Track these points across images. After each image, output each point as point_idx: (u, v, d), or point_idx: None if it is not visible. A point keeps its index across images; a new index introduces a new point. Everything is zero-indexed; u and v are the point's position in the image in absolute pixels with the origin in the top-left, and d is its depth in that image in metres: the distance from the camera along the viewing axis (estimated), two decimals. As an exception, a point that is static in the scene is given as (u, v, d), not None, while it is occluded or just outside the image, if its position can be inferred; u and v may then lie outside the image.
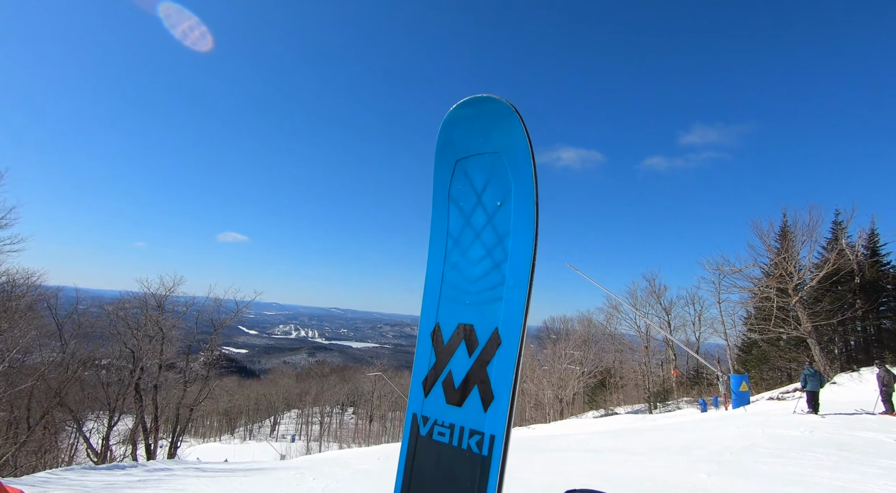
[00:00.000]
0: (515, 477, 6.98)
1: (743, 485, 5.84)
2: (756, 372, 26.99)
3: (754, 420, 13.13)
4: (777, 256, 23.01)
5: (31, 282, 22.71)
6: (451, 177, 0.68)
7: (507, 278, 0.59)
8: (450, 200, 0.67)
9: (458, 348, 0.59)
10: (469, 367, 0.57)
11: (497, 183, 0.61)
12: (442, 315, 0.63)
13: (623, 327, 39.68)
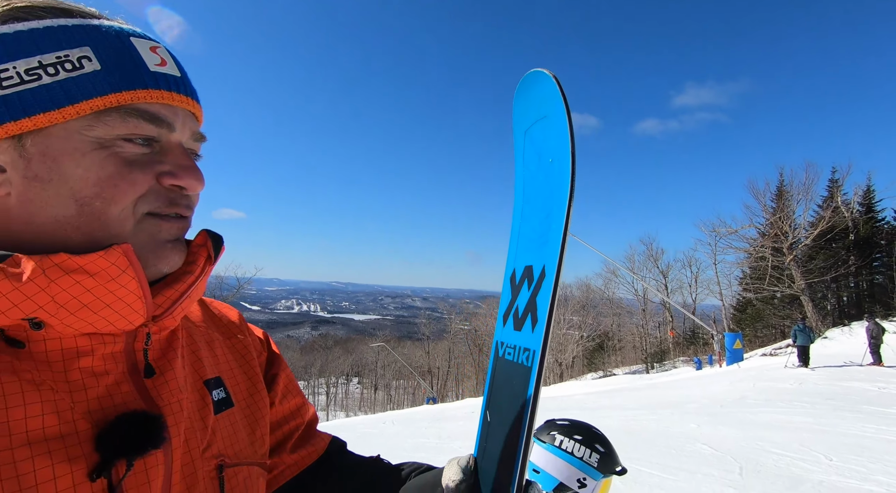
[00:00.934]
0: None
1: (730, 432, 6.13)
2: (750, 330, 27.59)
3: (747, 375, 13.57)
4: (772, 215, 23.13)
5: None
6: (524, 146, 0.80)
7: (552, 223, 0.70)
8: (524, 166, 0.79)
9: (523, 285, 0.73)
10: (527, 299, 0.70)
11: (549, 143, 0.73)
12: (517, 261, 0.76)
13: (621, 291, 40.26)
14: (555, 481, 1.34)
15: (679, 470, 4.53)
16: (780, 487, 3.93)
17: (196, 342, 0.59)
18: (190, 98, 0.50)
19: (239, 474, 0.55)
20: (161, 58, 0.48)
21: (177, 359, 0.52)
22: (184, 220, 0.51)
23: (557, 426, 1.42)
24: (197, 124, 0.52)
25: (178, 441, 0.48)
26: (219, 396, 0.57)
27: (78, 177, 0.42)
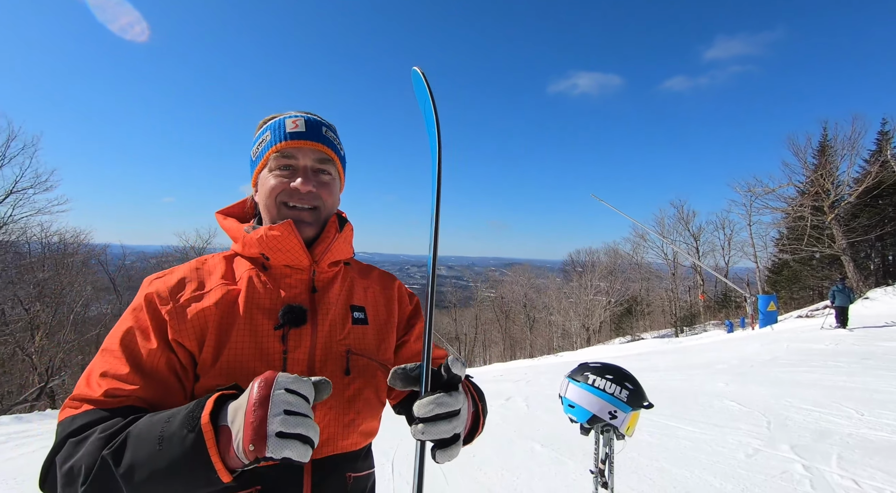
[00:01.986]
0: (541, 392, 7.55)
1: (759, 390, 6.18)
2: (786, 292, 26.88)
3: (780, 337, 13.39)
4: (814, 172, 22.01)
5: (81, 240, 24.19)
6: (424, 120, 0.99)
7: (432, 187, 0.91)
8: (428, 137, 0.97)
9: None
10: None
11: (427, 120, 0.94)
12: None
13: (650, 255, 39.54)
14: (588, 413, 1.49)
15: (706, 424, 4.66)
16: (807, 439, 4.02)
17: (356, 286, 0.99)
18: (310, 141, 0.90)
19: (360, 361, 0.91)
20: (295, 123, 0.91)
21: (334, 288, 0.94)
22: (306, 210, 0.90)
23: (590, 368, 1.56)
24: (320, 154, 0.92)
25: (322, 328, 0.88)
26: (358, 316, 0.95)
27: (266, 188, 0.90)
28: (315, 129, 0.91)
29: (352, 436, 0.88)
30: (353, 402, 0.87)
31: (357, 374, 0.89)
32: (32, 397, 15.51)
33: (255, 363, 0.80)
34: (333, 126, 0.98)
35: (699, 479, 3.27)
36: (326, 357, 0.87)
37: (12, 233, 18.45)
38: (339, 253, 0.94)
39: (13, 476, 3.67)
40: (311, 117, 0.93)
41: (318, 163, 0.91)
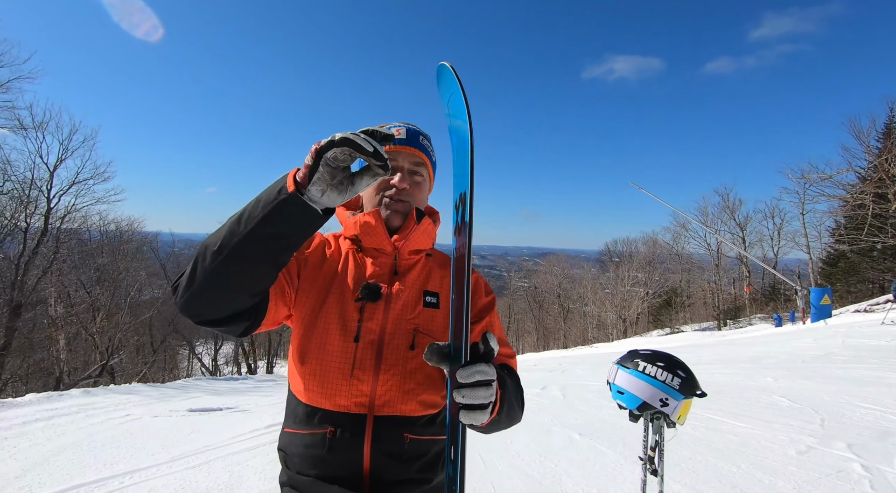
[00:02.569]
0: (576, 382, 7.47)
1: (811, 386, 5.89)
2: (842, 285, 25.27)
3: (835, 332, 12.65)
4: (877, 157, 20.44)
5: (135, 228, 25.65)
6: (448, 110, 1.01)
7: (464, 163, 0.91)
8: (451, 125, 1.05)
9: (461, 206, 0.95)
10: (461, 212, 0.98)
11: (457, 110, 0.93)
12: (456, 190, 1.03)
13: (692, 245, 38.05)
14: (638, 400, 1.48)
15: (754, 419, 4.49)
16: (866, 438, 3.81)
17: (433, 274, 1.11)
18: (408, 147, 1.06)
19: (425, 339, 1.00)
20: (398, 131, 1.05)
21: (412, 274, 1.07)
22: (399, 202, 1.05)
23: (640, 355, 1.54)
24: (416, 158, 1.07)
25: (395, 306, 1.01)
26: (430, 300, 1.05)
27: (370, 188, 1.06)
28: (413, 137, 1.08)
29: (410, 403, 0.98)
30: (413, 374, 0.98)
31: (421, 350, 0.98)
32: (96, 374, 16.73)
33: (335, 322, 0.99)
34: (429, 136, 1.14)
35: (746, 474, 3.17)
36: (395, 332, 0.99)
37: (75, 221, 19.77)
38: (416, 243, 1.08)
39: (86, 442, 4.00)
40: (411, 127, 1.09)
41: (414, 165, 1.08)
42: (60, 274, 18.76)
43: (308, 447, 0.98)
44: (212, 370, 27.99)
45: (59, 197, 17.70)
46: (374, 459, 0.95)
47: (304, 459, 0.98)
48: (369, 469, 0.95)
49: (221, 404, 6.21)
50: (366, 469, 0.95)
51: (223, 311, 0.85)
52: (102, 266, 21.48)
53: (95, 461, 3.53)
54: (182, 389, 7.95)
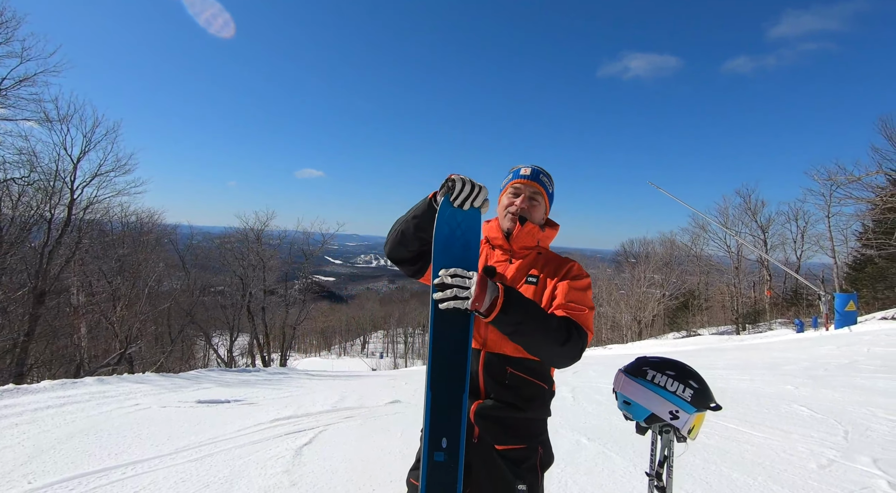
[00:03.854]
0: (588, 384, 7.32)
1: (834, 395, 5.65)
2: (868, 291, 24.41)
3: (860, 339, 12.20)
4: (910, 159, 19.62)
5: (154, 220, 26.15)
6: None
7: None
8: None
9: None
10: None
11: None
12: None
13: (711, 247, 37.20)
14: (646, 412, 1.37)
15: (772, 429, 4.32)
16: (892, 453, 3.61)
17: (538, 263, 1.51)
18: (529, 180, 1.54)
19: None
20: (524, 170, 1.56)
21: (523, 262, 1.51)
22: (515, 216, 1.51)
23: (650, 363, 1.43)
24: (535, 189, 1.54)
25: (506, 281, 1.46)
26: (531, 280, 1.46)
27: (501, 204, 1.59)
28: (535, 175, 1.56)
29: (509, 346, 1.37)
30: None
31: None
32: (114, 362, 17.11)
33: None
34: (549, 174, 1.61)
35: (763, 487, 3.02)
36: None
37: (97, 212, 20.20)
38: (522, 242, 1.53)
39: (94, 431, 4.04)
40: (535, 168, 1.57)
41: (532, 193, 1.55)
42: (83, 264, 19.22)
43: None
44: (227, 361, 28.44)
45: (81, 188, 18.09)
46: (486, 381, 1.39)
47: None
48: (483, 389, 1.39)
49: (230, 396, 6.24)
50: (481, 388, 1.39)
51: (400, 254, 1.48)
52: (123, 257, 21.93)
53: (101, 451, 3.55)
54: (194, 379, 8.04)
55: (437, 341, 1.25)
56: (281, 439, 4.09)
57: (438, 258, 1.27)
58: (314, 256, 34.49)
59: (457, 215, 1.28)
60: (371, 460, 3.59)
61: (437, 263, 1.26)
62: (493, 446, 1.33)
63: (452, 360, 1.24)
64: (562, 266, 1.48)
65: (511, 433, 1.35)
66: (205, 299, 30.74)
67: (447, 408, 1.22)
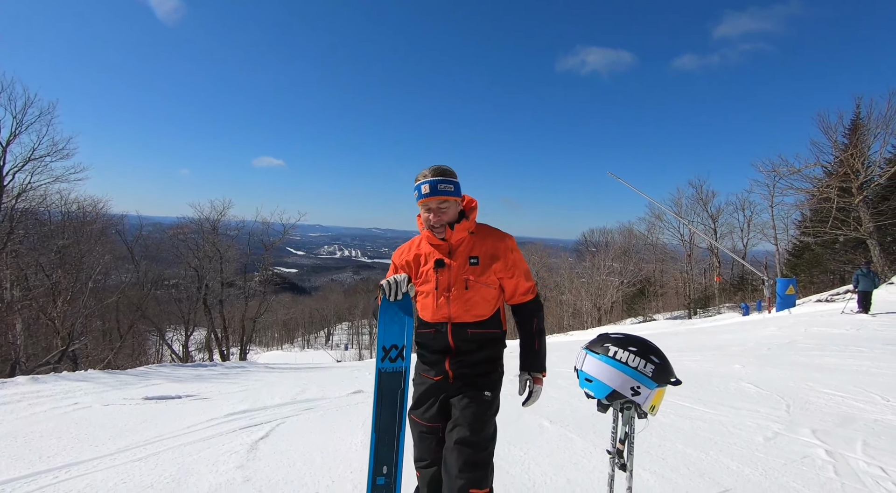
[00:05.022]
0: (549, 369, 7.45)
1: (777, 373, 5.99)
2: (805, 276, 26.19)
3: (798, 321, 13.07)
4: (844, 152, 21.06)
5: (99, 209, 24.52)
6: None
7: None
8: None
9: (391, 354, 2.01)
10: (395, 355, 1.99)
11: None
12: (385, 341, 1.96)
13: (666, 236, 38.84)
14: (608, 389, 1.34)
15: (721, 405, 4.51)
16: (829, 424, 3.85)
17: (476, 245, 1.87)
18: (431, 196, 1.79)
19: (475, 286, 1.82)
20: (424, 187, 1.80)
21: (460, 249, 1.87)
22: (436, 228, 1.84)
23: (611, 339, 1.40)
24: (437, 201, 1.81)
25: (454, 268, 1.84)
26: (473, 261, 1.83)
27: (423, 217, 1.89)
28: (433, 188, 1.78)
29: (468, 316, 1.82)
30: (469, 301, 1.81)
31: (472, 289, 1.81)
32: (55, 360, 15.98)
33: (428, 283, 1.86)
34: (447, 172, 1.82)
35: (715, 461, 3.13)
36: (457, 281, 1.81)
37: (32, 200, 18.71)
38: (456, 237, 1.84)
39: (23, 434, 3.71)
40: (433, 180, 1.78)
41: (439, 203, 1.80)
42: (16, 256, 17.78)
43: (424, 337, 1.88)
44: (182, 357, 27.24)
45: (12, 174, 16.72)
46: (455, 341, 1.82)
47: (424, 341, 1.90)
48: (454, 345, 1.83)
49: (181, 391, 5.93)
50: (451, 345, 1.83)
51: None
52: (63, 248, 20.46)
53: (30, 454, 3.25)
54: (142, 376, 7.60)
55: (381, 409, 1.81)
56: (235, 434, 3.90)
57: (381, 330, 1.85)
58: (275, 247, 33.41)
59: (394, 305, 1.85)
60: (330, 452, 3.47)
61: (381, 334, 1.85)
62: (465, 376, 1.82)
63: (390, 423, 1.78)
64: (493, 244, 1.87)
65: (475, 366, 1.84)
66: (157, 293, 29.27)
67: (387, 447, 1.75)
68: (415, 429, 1.85)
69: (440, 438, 1.76)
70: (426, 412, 1.82)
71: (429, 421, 1.80)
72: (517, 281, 1.87)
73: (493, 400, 1.82)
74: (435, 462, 1.75)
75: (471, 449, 1.65)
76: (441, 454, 1.71)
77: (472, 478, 1.60)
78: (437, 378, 1.84)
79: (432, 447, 1.76)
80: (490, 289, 1.82)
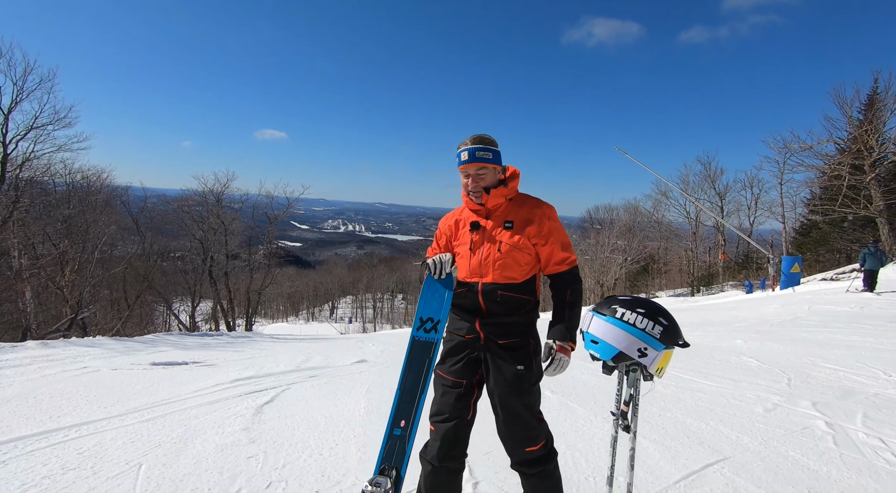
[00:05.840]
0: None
1: (779, 348, 6.01)
2: (812, 254, 26.01)
3: (802, 299, 13.04)
4: (858, 128, 20.54)
5: (103, 179, 24.44)
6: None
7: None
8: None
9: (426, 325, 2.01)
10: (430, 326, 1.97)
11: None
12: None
13: (671, 214, 38.50)
14: (614, 350, 1.32)
15: (723, 379, 4.54)
16: (830, 397, 3.86)
17: (511, 211, 1.91)
18: (470, 163, 1.84)
19: (507, 248, 1.83)
20: (463, 155, 1.85)
21: (496, 214, 1.92)
22: (474, 193, 1.88)
23: (619, 301, 1.37)
24: (475, 168, 1.84)
25: (488, 231, 1.89)
26: (507, 225, 1.87)
27: (463, 183, 1.92)
28: (472, 157, 1.82)
29: (500, 278, 1.83)
30: (501, 263, 1.83)
31: (504, 251, 1.83)
32: (64, 328, 16.29)
33: (464, 245, 1.93)
34: (487, 140, 1.85)
35: (714, 431, 3.16)
36: (490, 242, 1.86)
37: (36, 169, 18.65)
38: (494, 202, 1.89)
39: (33, 395, 3.79)
40: (472, 148, 1.82)
41: (477, 170, 1.84)
42: (23, 225, 17.87)
43: (457, 296, 1.88)
44: (189, 327, 27.70)
45: (16, 142, 16.62)
46: (485, 301, 1.83)
47: (457, 300, 1.89)
48: (484, 306, 1.84)
49: (188, 358, 6.03)
50: (482, 306, 1.84)
51: None
52: (69, 218, 20.53)
53: (40, 414, 3.33)
54: (149, 343, 7.73)
55: (408, 372, 1.85)
56: (241, 398, 3.97)
57: (421, 302, 1.90)
58: (279, 220, 33.39)
59: (437, 282, 1.89)
60: (334, 417, 3.53)
61: (420, 306, 1.90)
62: (496, 341, 1.83)
63: (414, 385, 1.81)
64: (530, 210, 1.90)
65: (506, 331, 1.83)
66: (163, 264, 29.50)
67: (407, 404, 1.79)
68: (438, 384, 1.90)
69: (461, 393, 1.83)
70: (452, 366, 1.87)
71: (454, 376, 1.85)
72: (552, 249, 1.87)
73: (527, 372, 1.84)
74: (453, 418, 1.81)
75: (515, 417, 1.81)
76: (461, 411, 1.82)
77: (524, 438, 1.80)
78: (468, 337, 1.87)
79: (452, 402, 1.82)
80: (523, 253, 1.83)
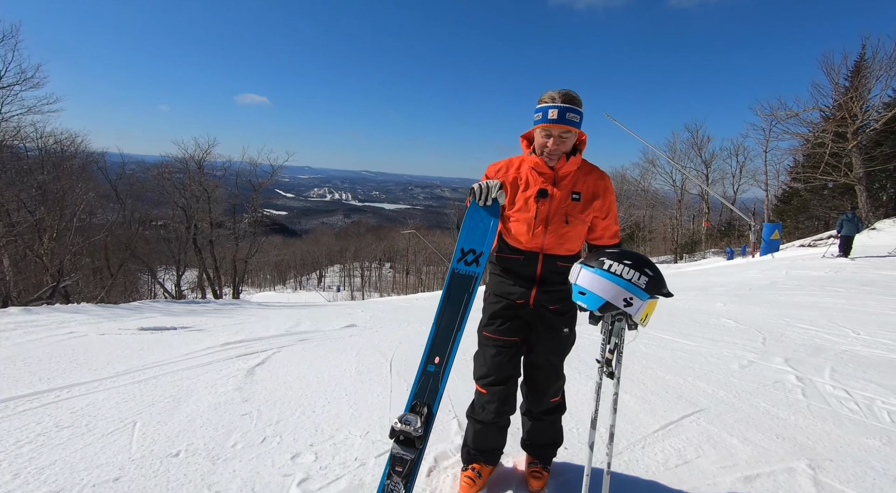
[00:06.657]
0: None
1: (757, 310, 6.23)
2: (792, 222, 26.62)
3: (780, 264, 13.43)
4: (844, 95, 20.63)
5: (78, 144, 23.56)
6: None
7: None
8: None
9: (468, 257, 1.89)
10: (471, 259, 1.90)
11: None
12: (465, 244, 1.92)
13: (658, 181, 38.76)
14: (601, 300, 1.36)
15: (702, 339, 4.71)
16: (801, 354, 4.06)
17: (579, 181, 1.84)
18: (558, 123, 1.69)
19: (573, 221, 1.82)
20: (551, 112, 1.69)
21: (564, 182, 1.83)
22: (551, 155, 1.76)
23: (606, 253, 1.41)
24: (561, 130, 1.71)
25: (555, 201, 1.81)
26: (574, 197, 1.82)
27: (538, 141, 1.78)
28: (562, 117, 1.68)
29: (561, 249, 1.84)
30: (566, 235, 1.82)
31: (570, 224, 1.81)
32: (46, 296, 16.05)
33: (525, 213, 1.82)
34: (577, 101, 1.71)
35: (692, 386, 3.31)
36: (556, 214, 1.80)
37: (5, 132, 17.87)
38: (567, 170, 1.80)
39: (21, 358, 3.78)
40: (563, 107, 1.67)
41: (561, 133, 1.71)
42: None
43: (512, 263, 1.89)
44: (175, 295, 27.55)
45: (-20, 104, 15.78)
46: (544, 271, 1.85)
47: (510, 267, 1.91)
48: (540, 275, 1.85)
49: (176, 324, 6.03)
50: (538, 274, 1.86)
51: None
52: (44, 184, 19.86)
53: (30, 376, 3.33)
54: (135, 309, 7.69)
55: (445, 308, 1.82)
56: (232, 361, 4.01)
57: (463, 231, 1.85)
58: (263, 188, 32.80)
59: (482, 209, 1.84)
60: (326, 377, 3.60)
61: (462, 236, 1.84)
62: (547, 307, 1.87)
63: (451, 322, 1.78)
64: (595, 182, 1.87)
65: (557, 297, 1.87)
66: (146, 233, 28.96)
67: (442, 341, 1.77)
68: (488, 346, 1.91)
69: (513, 353, 1.88)
70: (502, 325, 1.88)
71: (505, 335, 1.87)
72: (609, 223, 1.88)
73: (570, 334, 1.93)
74: (504, 380, 1.87)
75: (553, 371, 1.96)
76: (513, 369, 1.89)
77: (554, 390, 2.00)
78: (518, 301, 1.87)
79: (506, 362, 1.86)
80: (585, 226, 1.84)
